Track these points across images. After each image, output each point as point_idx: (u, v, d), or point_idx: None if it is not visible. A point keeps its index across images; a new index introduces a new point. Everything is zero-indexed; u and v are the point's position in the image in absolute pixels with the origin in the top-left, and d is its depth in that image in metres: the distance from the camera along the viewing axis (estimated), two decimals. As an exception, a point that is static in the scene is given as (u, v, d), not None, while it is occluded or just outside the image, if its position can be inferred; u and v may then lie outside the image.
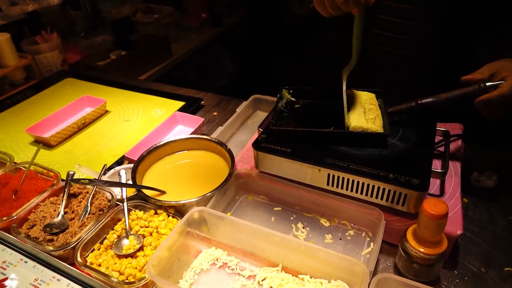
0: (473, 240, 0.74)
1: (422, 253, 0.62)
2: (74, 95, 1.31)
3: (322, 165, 0.71)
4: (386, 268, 0.71)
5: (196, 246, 0.74)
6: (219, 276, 0.70)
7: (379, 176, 0.67)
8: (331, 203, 0.75)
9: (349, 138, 0.75)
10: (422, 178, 0.66)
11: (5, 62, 1.40)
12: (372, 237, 0.74)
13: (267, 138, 0.78)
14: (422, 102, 0.77)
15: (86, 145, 1.09)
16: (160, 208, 0.78)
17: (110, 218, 0.76)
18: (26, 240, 0.73)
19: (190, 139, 0.94)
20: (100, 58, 1.76)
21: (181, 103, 1.25)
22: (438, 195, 0.74)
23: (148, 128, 1.13)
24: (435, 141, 0.78)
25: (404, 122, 0.80)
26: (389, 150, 0.74)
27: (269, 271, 0.68)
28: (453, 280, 0.68)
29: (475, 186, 0.85)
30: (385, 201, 0.69)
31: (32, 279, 0.69)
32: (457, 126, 0.88)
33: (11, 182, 0.86)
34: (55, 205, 0.80)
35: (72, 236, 0.73)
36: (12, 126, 1.19)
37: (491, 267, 0.70)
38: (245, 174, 0.83)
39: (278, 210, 0.81)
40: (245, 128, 1.11)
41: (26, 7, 1.60)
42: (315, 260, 0.65)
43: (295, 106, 0.88)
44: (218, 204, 0.77)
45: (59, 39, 1.53)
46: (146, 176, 0.88)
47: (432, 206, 0.58)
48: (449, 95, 0.74)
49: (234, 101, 1.26)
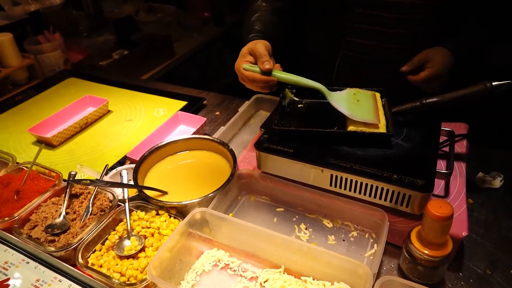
0: (478, 242, 0.73)
1: (427, 255, 0.61)
2: (76, 94, 1.31)
3: (325, 166, 0.70)
4: (390, 270, 0.70)
5: (198, 247, 0.73)
6: (221, 278, 0.69)
7: (383, 177, 0.66)
8: (334, 204, 0.74)
9: (353, 138, 0.75)
10: (427, 179, 0.65)
11: (8, 62, 1.40)
12: (376, 238, 0.73)
13: (269, 138, 0.77)
14: (427, 102, 0.76)
15: (88, 145, 1.09)
16: (161, 208, 0.77)
17: (111, 219, 0.75)
18: (27, 241, 0.73)
19: (192, 139, 0.93)
20: (102, 57, 1.76)
21: (183, 103, 1.25)
22: (442, 196, 0.73)
23: (150, 128, 1.13)
24: (439, 141, 0.77)
25: (409, 122, 0.79)
26: (393, 150, 0.73)
27: (271, 272, 0.68)
28: (458, 282, 0.67)
29: (480, 186, 0.84)
30: (389, 202, 0.68)
31: (33, 280, 0.69)
32: (462, 126, 0.87)
33: (13, 182, 0.86)
34: (56, 205, 0.80)
35: (73, 237, 0.73)
36: (14, 126, 1.19)
37: (496, 269, 0.69)
38: (247, 174, 0.82)
39: (281, 211, 0.80)
40: (247, 128, 1.10)
41: (28, 7, 1.61)
42: (318, 262, 0.64)
43: (298, 106, 0.87)
44: (220, 205, 0.77)
45: (62, 38, 1.53)
46: (148, 176, 0.87)
47: (437, 207, 0.57)
48: (454, 95, 0.73)
49: (236, 101, 1.25)
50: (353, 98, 0.81)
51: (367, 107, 0.78)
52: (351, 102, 0.79)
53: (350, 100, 0.80)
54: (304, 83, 0.77)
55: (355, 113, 0.75)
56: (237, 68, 0.82)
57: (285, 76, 0.77)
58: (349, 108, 0.77)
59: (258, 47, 0.79)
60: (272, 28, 0.93)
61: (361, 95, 0.82)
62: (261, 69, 0.76)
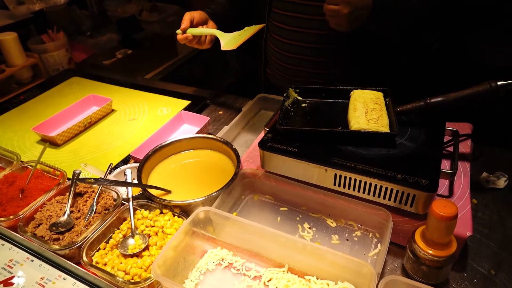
0: (482, 242, 0.73)
1: (431, 255, 0.61)
2: (80, 94, 1.31)
3: (329, 165, 0.70)
4: (394, 269, 0.70)
5: (202, 246, 0.73)
6: (224, 277, 0.69)
7: (387, 177, 0.66)
8: (337, 204, 0.74)
9: (357, 138, 0.75)
10: (431, 178, 0.65)
11: (12, 61, 1.41)
12: (380, 238, 0.73)
13: (273, 138, 0.77)
14: (431, 102, 0.76)
15: (92, 144, 1.09)
16: (165, 207, 0.78)
17: (115, 218, 0.76)
18: (32, 239, 0.73)
19: (196, 139, 0.93)
20: (106, 57, 1.77)
21: (186, 102, 1.25)
22: (447, 196, 0.73)
23: (153, 127, 1.13)
24: (444, 141, 0.77)
25: (413, 122, 0.79)
26: (397, 150, 0.73)
27: (275, 271, 0.68)
28: (462, 282, 0.67)
29: (485, 186, 0.84)
30: (393, 201, 0.68)
31: (38, 278, 0.70)
32: (466, 126, 0.87)
33: (17, 181, 0.86)
34: (61, 204, 0.80)
35: (78, 235, 0.73)
36: (18, 125, 1.20)
37: (501, 269, 0.68)
38: (251, 174, 0.82)
39: (284, 210, 0.80)
40: (250, 127, 1.10)
41: (32, 6, 1.61)
42: (321, 261, 0.64)
43: (302, 105, 0.87)
44: (223, 204, 0.77)
45: (66, 38, 1.54)
46: (152, 175, 0.88)
47: (441, 207, 0.57)
48: (459, 95, 0.73)
49: (240, 100, 1.25)
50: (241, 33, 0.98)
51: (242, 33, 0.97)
52: (237, 35, 0.98)
53: (235, 36, 0.98)
54: (199, 32, 1.02)
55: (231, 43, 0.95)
56: None
57: (194, 30, 1.01)
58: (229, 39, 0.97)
59: (184, 15, 1.03)
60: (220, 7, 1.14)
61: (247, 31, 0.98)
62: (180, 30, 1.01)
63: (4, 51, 1.39)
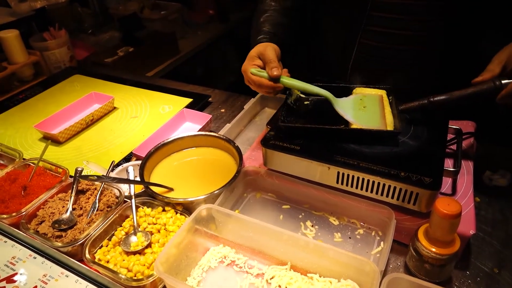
0: (485, 240, 0.73)
1: (434, 253, 0.61)
2: (82, 91, 1.32)
3: (331, 163, 0.70)
4: (396, 267, 0.70)
5: (204, 244, 0.73)
6: (227, 274, 0.69)
7: (390, 175, 0.66)
8: (340, 202, 0.74)
9: (360, 135, 0.74)
10: (434, 176, 0.65)
11: (14, 59, 1.41)
12: (382, 236, 0.73)
13: (275, 135, 0.77)
14: (434, 100, 0.75)
15: (94, 141, 1.09)
16: (168, 205, 0.78)
17: (118, 215, 0.76)
18: (35, 236, 0.73)
19: (198, 136, 0.93)
20: (108, 54, 1.77)
21: (188, 100, 1.25)
22: (450, 194, 0.73)
23: (155, 124, 1.13)
24: (447, 139, 0.77)
25: (416, 120, 0.78)
26: (401, 148, 0.72)
27: (277, 269, 0.68)
28: (465, 280, 0.67)
29: (488, 185, 0.84)
30: (396, 199, 0.68)
31: (40, 275, 0.70)
32: (469, 124, 0.87)
33: (20, 178, 0.86)
34: (63, 201, 0.80)
35: (80, 232, 0.73)
36: (21, 122, 1.20)
37: (504, 267, 0.68)
38: (253, 171, 0.82)
39: (287, 208, 0.80)
40: (253, 125, 1.10)
41: (34, 3, 1.61)
42: (324, 259, 0.64)
43: (304, 103, 0.86)
44: (226, 202, 0.77)
45: (67, 35, 1.53)
46: (154, 173, 0.88)
47: (445, 205, 0.57)
48: (463, 93, 0.73)
49: (242, 98, 1.25)
50: (359, 104, 0.80)
51: (374, 113, 0.77)
52: (357, 108, 0.78)
53: (356, 107, 0.79)
54: (311, 90, 0.77)
55: (361, 121, 0.75)
56: (244, 70, 0.82)
57: (292, 82, 0.77)
58: (355, 116, 0.76)
59: (267, 52, 0.78)
60: (281, 29, 0.91)
61: (367, 100, 0.81)
62: (269, 75, 0.76)
63: (6, 48, 1.40)
